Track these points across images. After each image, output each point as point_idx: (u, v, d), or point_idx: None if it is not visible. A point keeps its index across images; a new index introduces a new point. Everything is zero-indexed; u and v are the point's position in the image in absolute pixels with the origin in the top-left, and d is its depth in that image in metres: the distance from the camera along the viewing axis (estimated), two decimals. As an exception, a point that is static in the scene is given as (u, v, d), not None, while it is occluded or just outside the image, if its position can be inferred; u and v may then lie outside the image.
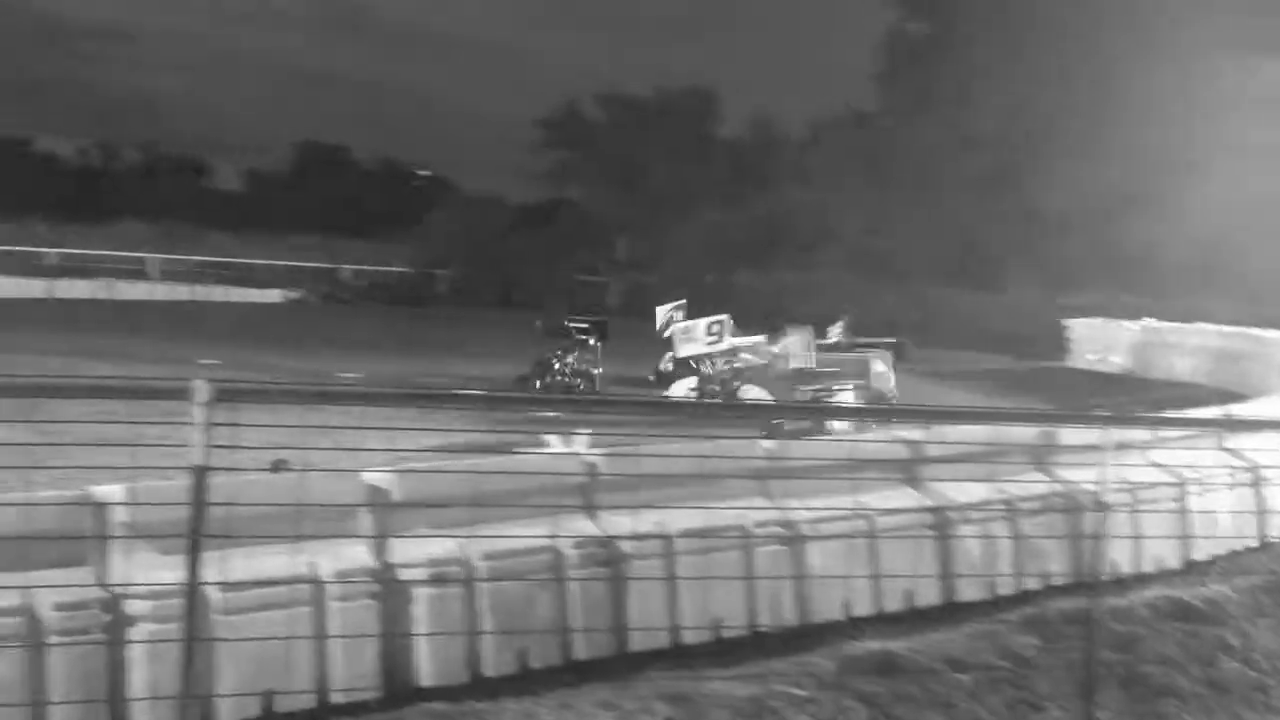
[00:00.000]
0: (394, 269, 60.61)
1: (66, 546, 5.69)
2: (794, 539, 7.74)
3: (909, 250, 45.51)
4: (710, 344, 20.45)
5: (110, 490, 5.87)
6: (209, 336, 30.13)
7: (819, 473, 8.14)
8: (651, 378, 24.38)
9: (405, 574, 6.47)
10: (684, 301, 25.35)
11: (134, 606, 5.70)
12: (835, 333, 22.25)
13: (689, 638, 7.21)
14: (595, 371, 23.25)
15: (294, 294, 55.29)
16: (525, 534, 6.83)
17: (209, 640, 5.55)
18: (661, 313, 24.48)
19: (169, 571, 5.27)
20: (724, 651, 7.00)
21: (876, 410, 13.29)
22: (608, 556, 7.08)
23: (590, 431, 8.50)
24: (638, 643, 7.04)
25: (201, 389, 4.20)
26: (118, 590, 5.71)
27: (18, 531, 5.53)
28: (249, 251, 62.49)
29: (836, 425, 13.10)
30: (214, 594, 5.65)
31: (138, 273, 56.31)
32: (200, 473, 4.27)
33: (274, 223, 72.40)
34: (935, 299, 42.10)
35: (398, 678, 6.38)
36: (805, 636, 7.30)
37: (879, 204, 46.28)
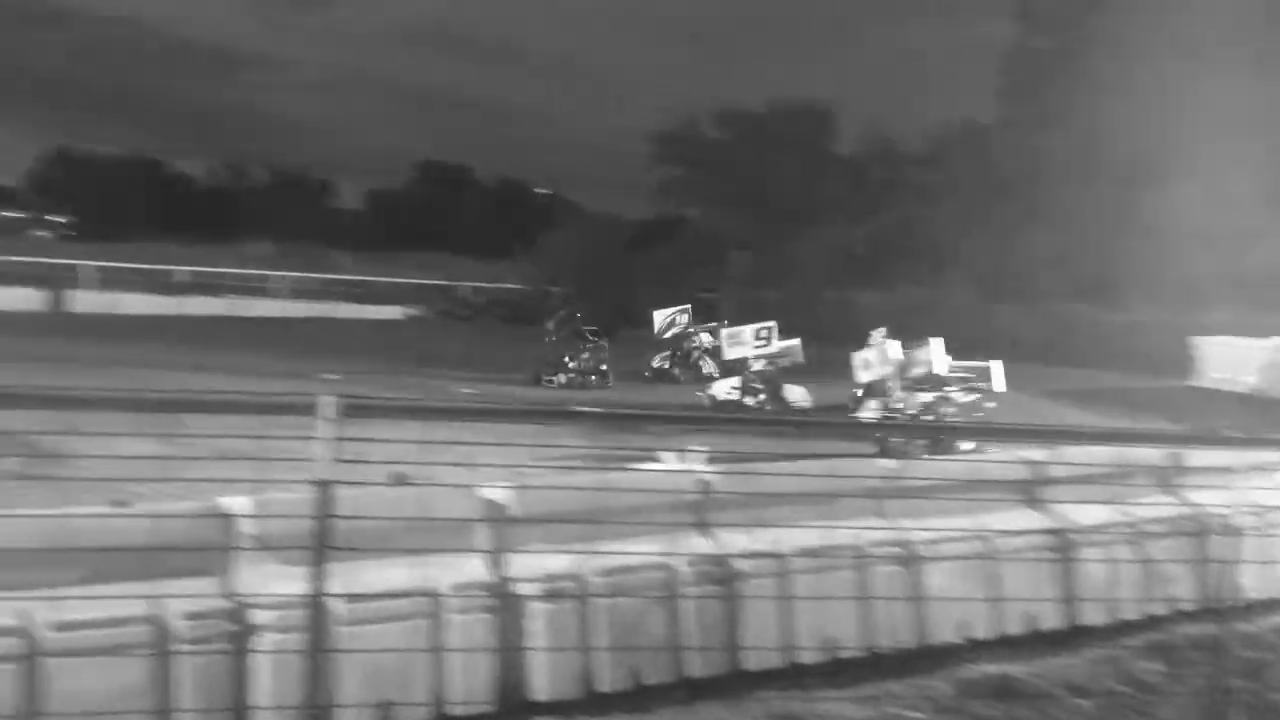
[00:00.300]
0: (512, 286, 61.16)
1: (195, 557, 5.85)
2: (911, 559, 7.65)
3: (1029, 267, 44.74)
4: (758, 348, 22.48)
5: (237, 502, 6.02)
6: (331, 352, 30.74)
7: (937, 492, 8.04)
8: (648, 374, 27.57)
9: (521, 589, 6.53)
10: (688, 307, 27.97)
11: (259, 616, 5.83)
12: (879, 336, 23.38)
13: (803, 658, 7.16)
14: (603, 368, 26.30)
15: (414, 311, 56.27)
16: (640, 550, 6.85)
17: (331, 651, 5.66)
18: (662, 316, 27.82)
19: (293, 582, 5.40)
20: (838, 672, 6.95)
21: (999, 430, 13.13)
22: (722, 574, 7.07)
23: (706, 449, 8.51)
24: (751, 662, 7.01)
25: (327, 404, 4.30)
26: (243, 600, 5.86)
27: (149, 542, 5.70)
28: (370, 269, 63.85)
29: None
30: (336, 605, 5.76)
31: (262, 290, 57.78)
32: (325, 486, 4.37)
33: (395, 241, 73.93)
34: (1056, 316, 41.29)
35: (512, 691, 6.43)
36: (922, 659, 7.22)
37: (999, 220, 45.57)
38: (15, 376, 16.54)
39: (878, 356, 19.17)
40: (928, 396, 17.87)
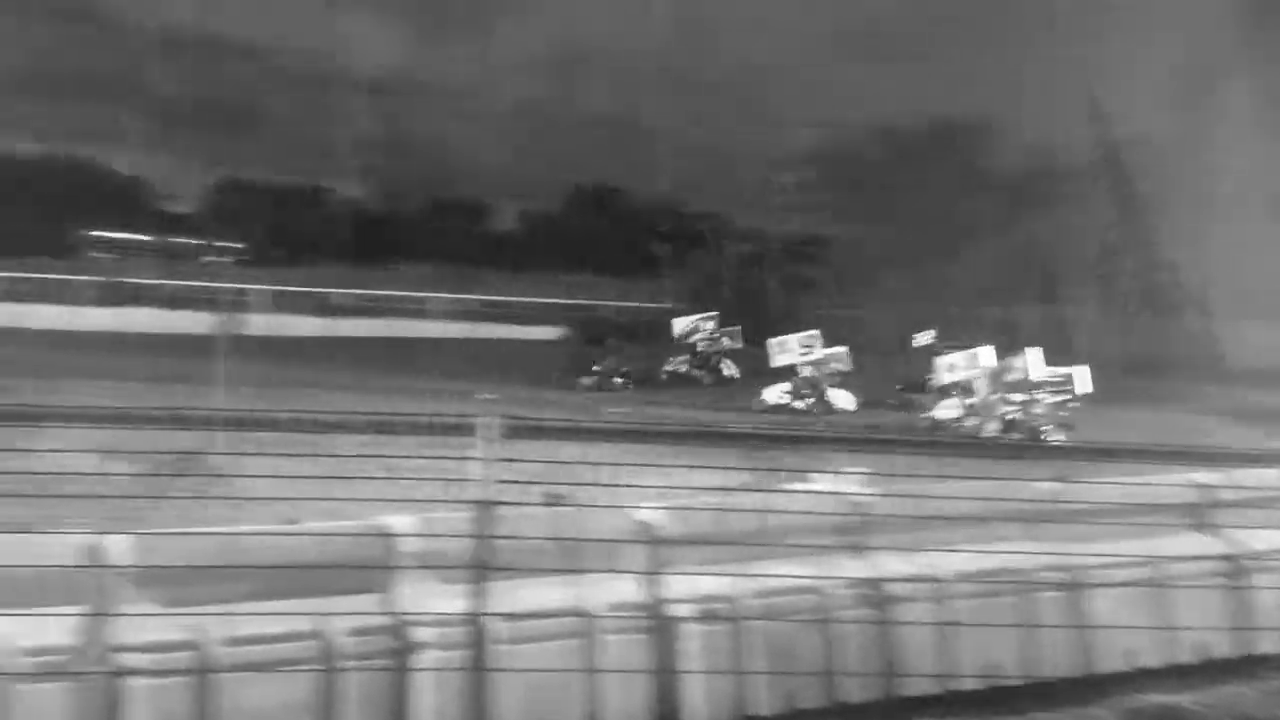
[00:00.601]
0: (659, 305, 61.26)
1: (359, 574, 5.98)
2: (1075, 585, 7.44)
3: (1191, 281, 43.32)
4: (804, 355, 24.85)
5: (400, 521, 6.13)
6: (488, 372, 31.17)
7: (1100, 516, 7.81)
8: (664, 377, 29.64)
9: (675, 610, 6.52)
10: (715, 314, 29.07)
11: (420, 634, 5.91)
12: (925, 339, 26.65)
13: (963, 685, 7.01)
14: (625, 370, 28.64)
15: (566, 331, 56.90)
16: (793, 573, 6.78)
17: (490, 670, 5.73)
18: (684, 322, 28.99)
19: (453, 600, 5.49)
20: (999, 700, 6.80)
21: (1166, 452, 12.91)
22: (877, 598, 6.97)
23: (860, 471, 8.39)
24: (909, 688, 6.88)
25: (488, 425, 4.37)
26: (405, 618, 5.96)
27: (315, 559, 5.85)
28: (524, 290, 64.78)
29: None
30: (495, 624, 5.82)
31: (421, 311, 59.00)
32: (485, 506, 4.45)
33: (548, 262, 74.70)
34: (1218, 332, 39.90)
35: (667, 713, 6.42)
36: (1086, 688, 7.02)
37: (1158, 235, 44.20)
38: (190, 398, 17.19)
39: (965, 360, 21.53)
40: (1016, 398, 20.31)
